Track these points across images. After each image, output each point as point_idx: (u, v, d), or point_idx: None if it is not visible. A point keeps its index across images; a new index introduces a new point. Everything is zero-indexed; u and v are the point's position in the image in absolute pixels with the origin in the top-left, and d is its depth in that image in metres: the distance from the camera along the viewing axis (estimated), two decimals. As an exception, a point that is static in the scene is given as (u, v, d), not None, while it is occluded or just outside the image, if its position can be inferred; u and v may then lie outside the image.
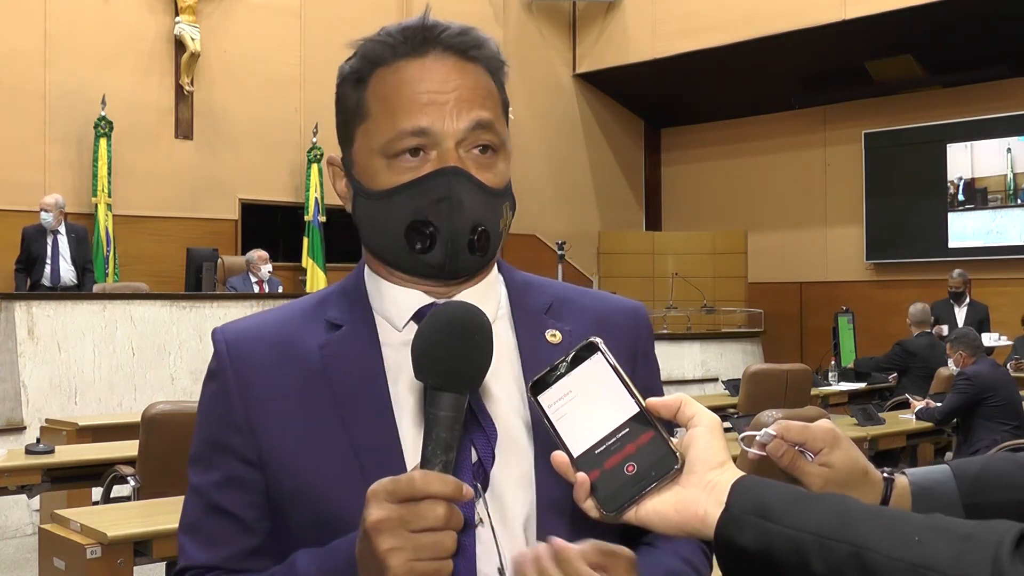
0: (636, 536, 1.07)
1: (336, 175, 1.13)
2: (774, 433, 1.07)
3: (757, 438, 1.07)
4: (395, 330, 1.09)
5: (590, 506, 0.88)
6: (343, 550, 0.93)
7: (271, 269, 8.85)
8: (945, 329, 8.59)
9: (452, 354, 0.91)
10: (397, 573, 0.86)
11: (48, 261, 8.04)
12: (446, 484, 0.86)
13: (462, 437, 0.92)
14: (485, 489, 1.02)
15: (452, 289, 1.09)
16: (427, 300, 1.09)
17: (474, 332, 0.92)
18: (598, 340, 0.91)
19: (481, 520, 1.01)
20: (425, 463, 0.89)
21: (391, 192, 1.04)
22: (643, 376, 1.14)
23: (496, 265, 1.16)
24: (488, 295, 1.12)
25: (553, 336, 1.10)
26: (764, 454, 1.07)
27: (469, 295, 1.09)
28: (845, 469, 1.07)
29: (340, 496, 1.00)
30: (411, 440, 1.02)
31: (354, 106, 1.08)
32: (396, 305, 1.09)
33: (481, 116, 1.04)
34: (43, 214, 7.96)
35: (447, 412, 0.90)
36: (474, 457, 1.02)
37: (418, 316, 1.07)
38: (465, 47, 1.06)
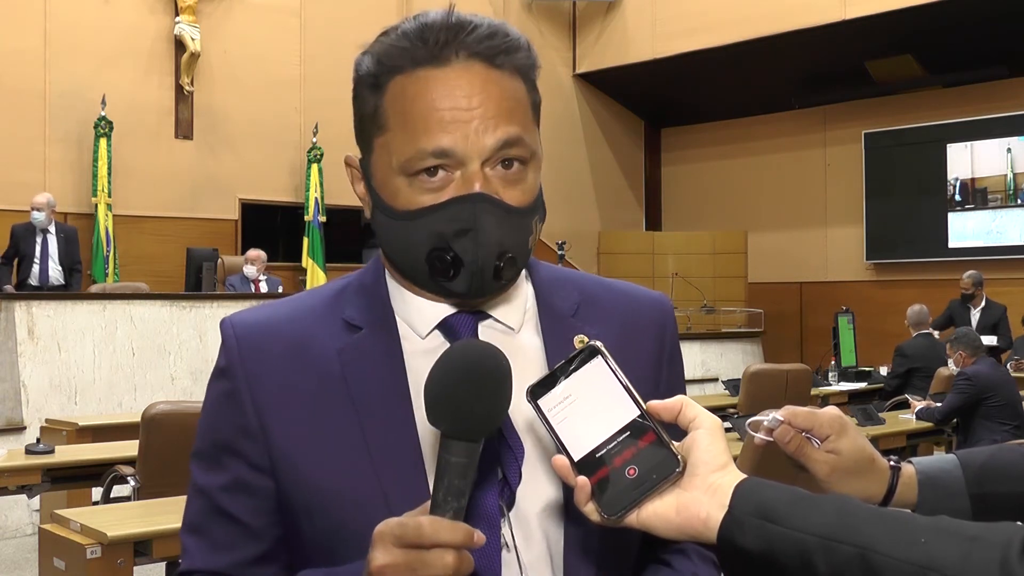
0: (658, 550, 1.04)
1: (355, 177, 1.06)
2: (781, 419, 1.06)
3: (764, 423, 1.07)
4: (418, 337, 1.04)
5: (591, 510, 0.87)
6: None
7: (257, 268, 8.77)
8: None
9: (466, 401, 0.85)
10: None
11: (37, 260, 8.00)
12: (457, 532, 0.82)
13: (476, 481, 0.87)
14: (511, 508, 0.97)
15: (478, 302, 1.04)
16: (452, 310, 1.04)
17: (489, 378, 0.86)
18: (598, 344, 0.90)
19: (507, 545, 0.96)
20: (435, 508, 0.84)
21: (413, 215, 0.97)
22: (668, 381, 1.10)
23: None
24: (514, 301, 1.07)
25: (580, 343, 1.04)
26: (771, 439, 1.07)
27: (495, 303, 1.05)
28: (852, 456, 1.07)
29: (356, 509, 0.95)
30: (432, 455, 0.95)
31: (371, 112, 1.00)
32: (420, 313, 1.04)
33: (509, 133, 0.96)
34: (35, 213, 7.94)
35: (460, 459, 0.85)
36: (499, 474, 0.97)
37: (443, 325, 1.03)
38: (493, 53, 0.97)
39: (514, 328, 1.06)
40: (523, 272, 1.09)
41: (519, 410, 0.97)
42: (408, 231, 0.98)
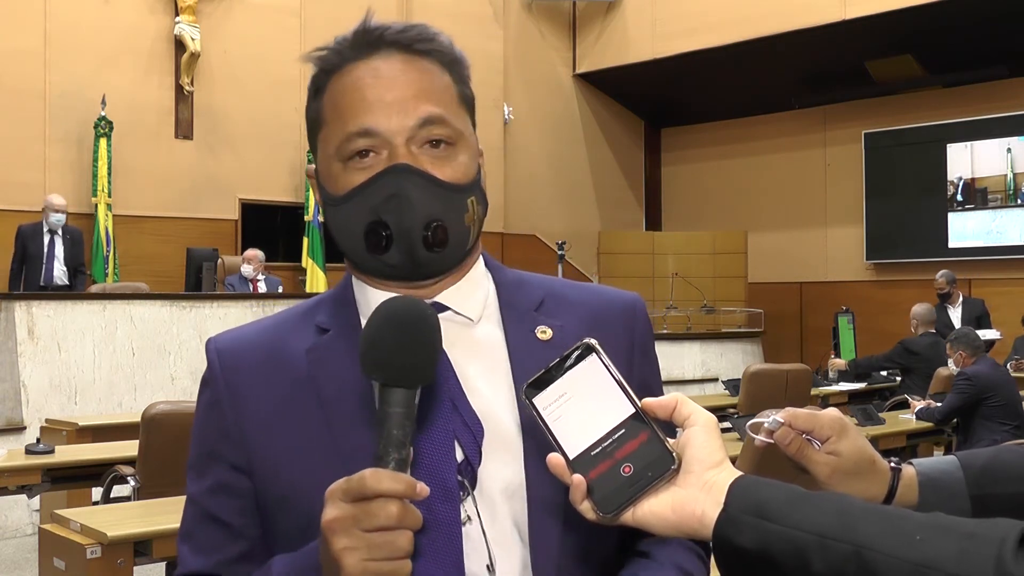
0: (630, 540, 1.06)
1: (313, 186, 1.13)
2: (782, 420, 1.06)
3: (765, 425, 1.06)
4: None
5: (587, 508, 0.87)
6: (313, 551, 0.93)
7: (254, 268, 8.76)
8: None
9: (395, 348, 0.89)
10: (351, 573, 0.85)
11: (44, 261, 8.02)
12: (398, 482, 0.85)
13: (416, 433, 0.91)
14: (473, 487, 1.01)
15: (431, 290, 1.08)
16: None
17: (415, 324, 0.91)
18: (593, 341, 0.90)
19: (469, 518, 1.00)
20: (378, 461, 0.87)
21: (348, 196, 1.04)
22: (640, 372, 1.12)
23: (483, 262, 1.15)
24: (472, 294, 1.11)
25: (543, 333, 1.09)
26: (771, 441, 1.07)
27: (450, 294, 1.09)
28: (852, 458, 1.07)
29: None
30: None
31: (314, 116, 1.09)
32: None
33: (430, 112, 1.03)
34: (54, 215, 7.97)
35: (397, 408, 0.89)
36: (460, 455, 1.01)
37: None
38: (410, 42, 1.06)
39: (472, 319, 1.09)
40: (484, 270, 1.14)
41: (480, 395, 1.04)
42: (346, 213, 1.05)
